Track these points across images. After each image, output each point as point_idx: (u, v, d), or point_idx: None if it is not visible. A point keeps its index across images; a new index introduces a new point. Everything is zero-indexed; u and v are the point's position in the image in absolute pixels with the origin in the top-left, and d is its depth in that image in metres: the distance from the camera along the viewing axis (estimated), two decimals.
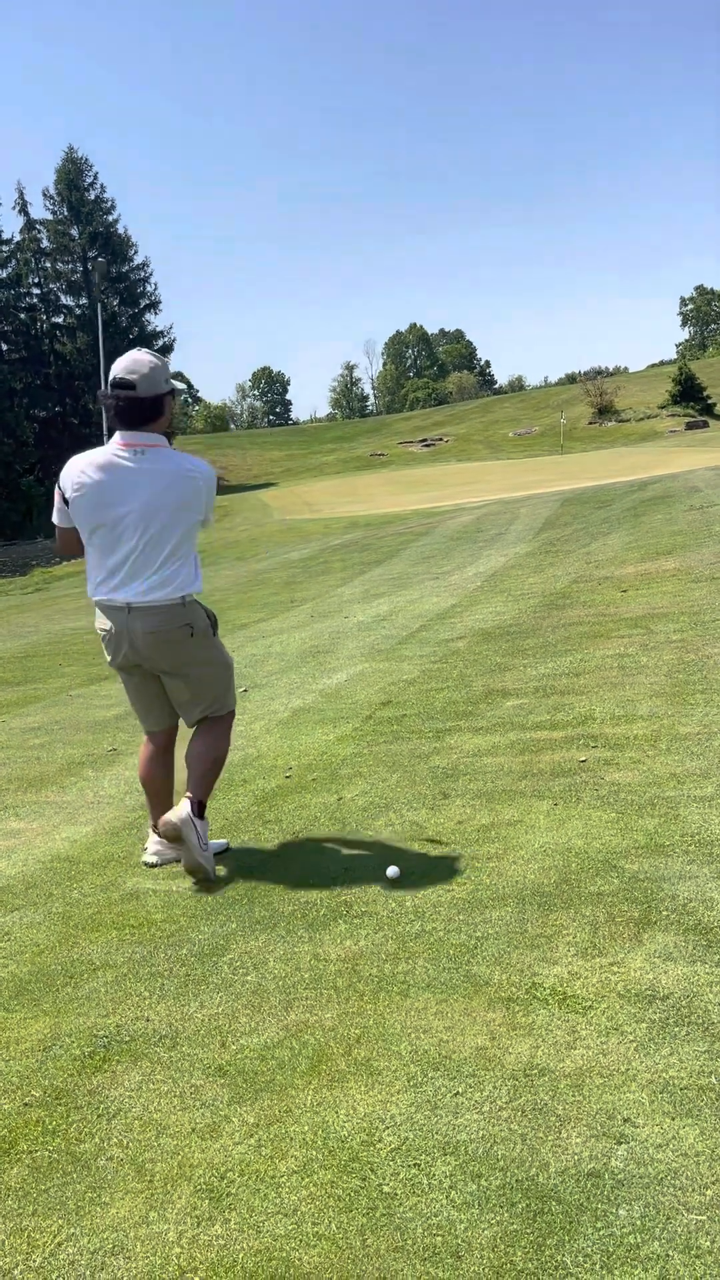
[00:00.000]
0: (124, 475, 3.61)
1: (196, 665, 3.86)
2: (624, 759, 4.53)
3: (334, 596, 12.75)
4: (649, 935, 2.94)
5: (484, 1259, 1.84)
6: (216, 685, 3.95)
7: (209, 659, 3.91)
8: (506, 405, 69.52)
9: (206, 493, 3.78)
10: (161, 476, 3.63)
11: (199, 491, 3.72)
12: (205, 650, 3.88)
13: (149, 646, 3.74)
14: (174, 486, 3.65)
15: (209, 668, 3.91)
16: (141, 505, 3.61)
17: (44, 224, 55.88)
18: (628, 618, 7.77)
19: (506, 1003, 2.68)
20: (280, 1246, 1.93)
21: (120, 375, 3.60)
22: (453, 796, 4.38)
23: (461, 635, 8.35)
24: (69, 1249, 2.00)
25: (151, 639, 3.73)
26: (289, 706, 6.72)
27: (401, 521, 23.74)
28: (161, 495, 3.63)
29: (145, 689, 3.98)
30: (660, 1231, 1.85)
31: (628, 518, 14.80)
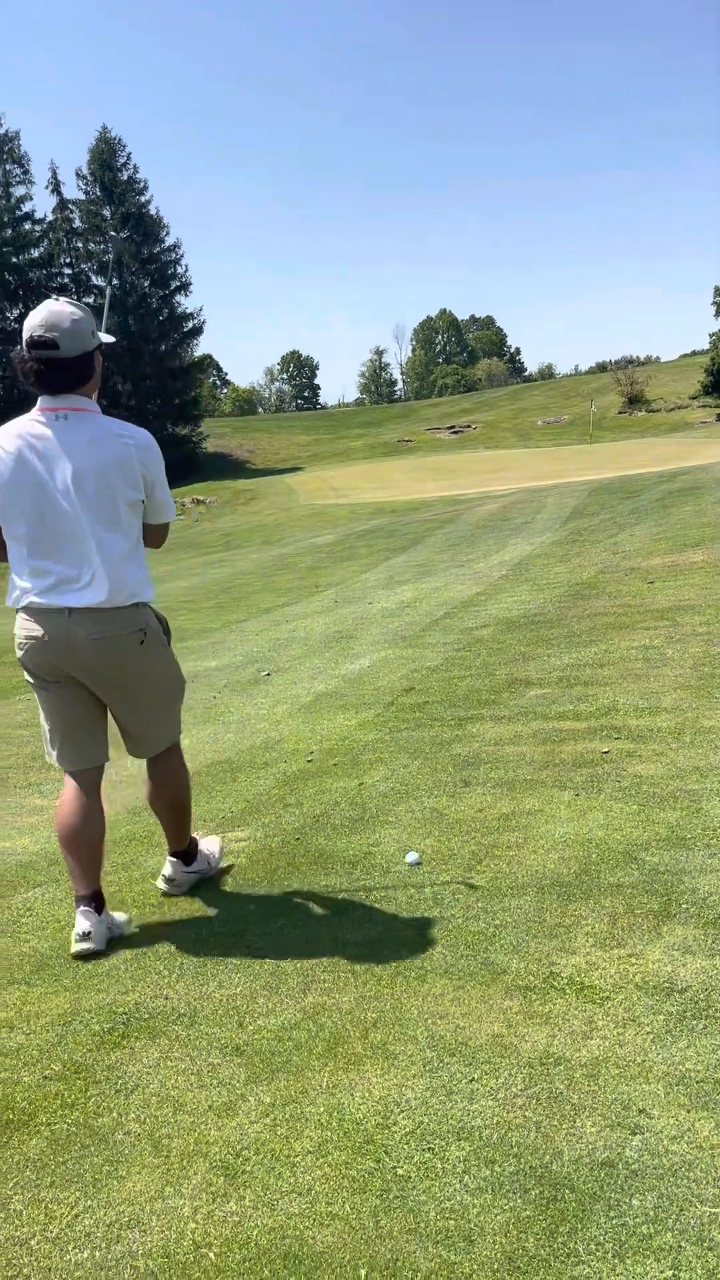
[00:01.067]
0: (42, 447, 3.00)
1: (146, 681, 3.28)
2: (647, 751, 4.51)
3: (358, 582, 12.75)
4: (668, 928, 2.93)
5: (496, 1244, 1.84)
6: (167, 706, 3.41)
7: (161, 674, 3.34)
8: (536, 393, 69.10)
9: (141, 462, 3.09)
10: (85, 443, 3.01)
11: (129, 461, 3.06)
12: (157, 663, 3.30)
13: (95, 655, 3.11)
14: (100, 453, 3.02)
15: (160, 685, 3.35)
16: (65, 481, 2.99)
17: (76, 204, 55.91)
18: (654, 609, 7.73)
19: (524, 991, 2.68)
20: (294, 1225, 1.95)
21: (38, 332, 2.96)
22: (474, 784, 4.38)
23: (485, 624, 8.33)
24: (86, 1221, 2.02)
25: (98, 647, 3.10)
26: (311, 691, 6.73)
27: (427, 508, 23.68)
28: (85, 466, 3.00)
29: (74, 710, 3.26)
30: (673, 1223, 1.85)
31: (656, 509, 14.69)
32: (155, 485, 3.17)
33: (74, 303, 3.06)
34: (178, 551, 25.23)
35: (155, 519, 3.27)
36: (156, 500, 3.21)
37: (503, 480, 29.91)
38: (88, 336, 3.05)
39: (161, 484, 3.20)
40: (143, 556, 3.24)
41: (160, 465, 3.19)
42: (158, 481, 3.18)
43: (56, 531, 3.02)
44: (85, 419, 3.05)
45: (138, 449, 3.09)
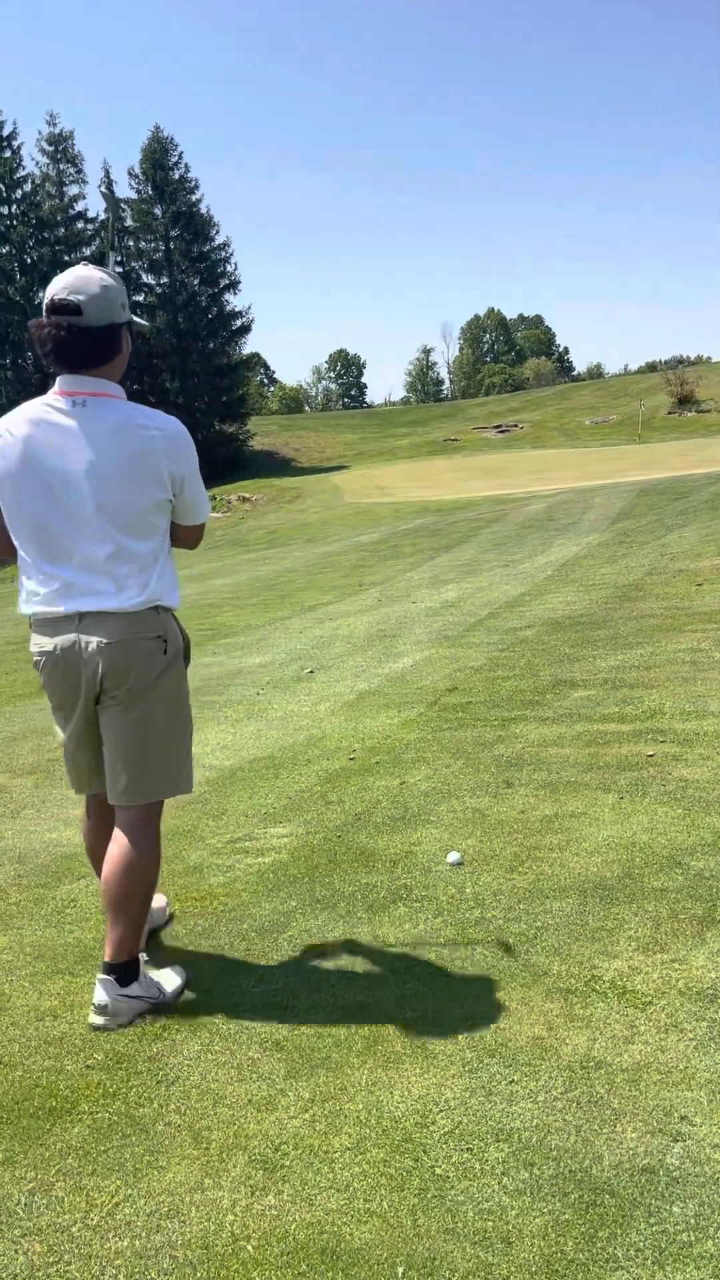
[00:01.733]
0: (57, 436, 2.63)
1: (160, 700, 2.80)
2: (693, 755, 4.46)
3: (402, 581, 12.74)
4: (713, 934, 2.90)
5: (535, 1246, 1.84)
6: (176, 740, 2.89)
7: (175, 696, 2.87)
8: (584, 393, 68.59)
9: (169, 456, 2.69)
10: (105, 434, 2.63)
11: (156, 452, 2.66)
12: (173, 682, 2.85)
13: (108, 663, 2.69)
14: (121, 445, 2.63)
15: (172, 709, 2.86)
16: (81, 478, 2.62)
17: (128, 203, 56.42)
18: (702, 612, 7.64)
19: (565, 994, 2.67)
20: (332, 1220, 1.95)
21: (61, 295, 2.60)
22: (516, 786, 4.36)
23: (530, 624, 8.29)
24: (126, 1210, 2.04)
25: (113, 652, 2.69)
26: (355, 689, 6.74)
27: (473, 508, 23.60)
28: (105, 461, 2.62)
29: (89, 736, 2.88)
30: (715, 1231, 1.83)
31: (705, 510, 14.52)
32: (185, 482, 2.76)
33: (107, 270, 2.72)
34: (223, 548, 25.39)
35: (185, 519, 2.85)
36: (186, 499, 2.80)
37: (550, 480, 29.73)
38: (117, 308, 2.68)
39: (193, 481, 2.79)
40: (168, 559, 2.83)
41: (191, 459, 2.77)
42: (188, 478, 2.76)
43: (69, 532, 2.65)
44: (107, 405, 2.66)
45: (165, 441, 2.68)
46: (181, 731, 2.91)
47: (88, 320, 2.62)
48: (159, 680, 2.79)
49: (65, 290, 2.60)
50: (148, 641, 2.74)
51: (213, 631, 10.31)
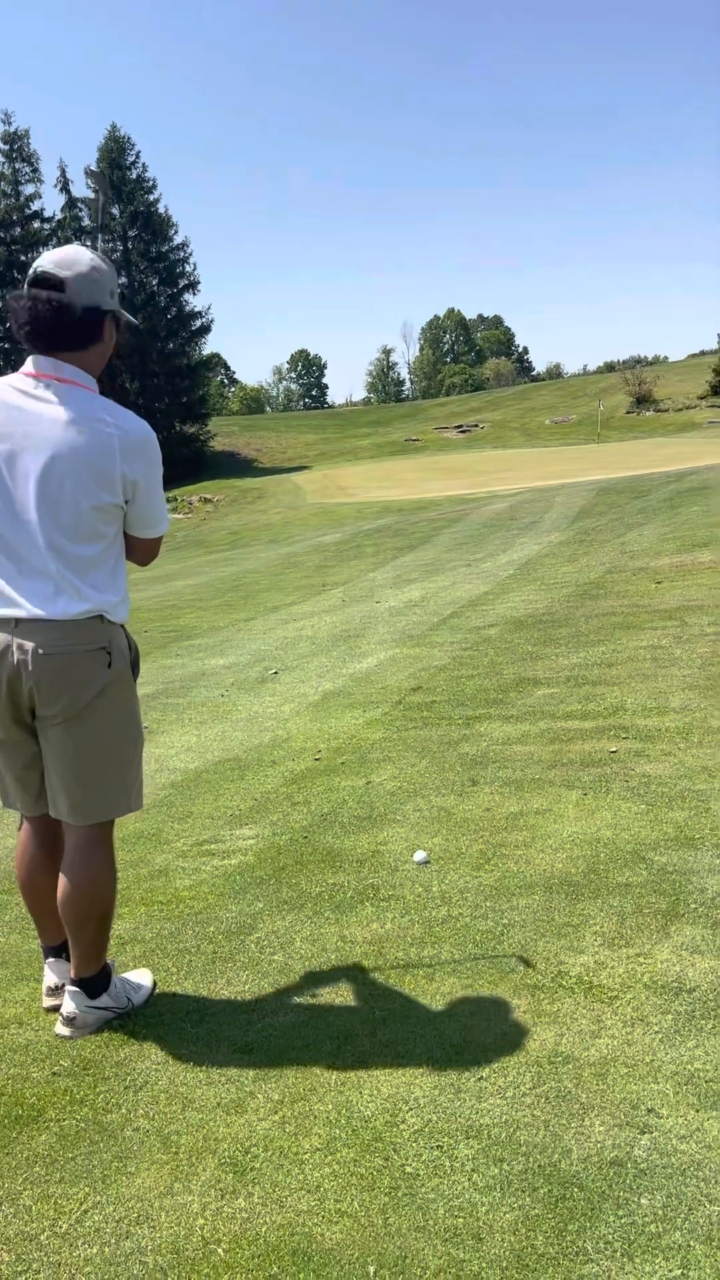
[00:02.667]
0: (12, 418, 2.45)
1: (104, 718, 2.58)
2: (655, 751, 4.50)
3: (366, 581, 12.75)
4: (676, 927, 2.93)
5: (505, 1242, 1.85)
6: (124, 760, 2.67)
7: (121, 713, 2.65)
8: (544, 392, 69.03)
9: (124, 457, 2.48)
10: (62, 424, 2.43)
11: (109, 452, 2.45)
12: (118, 697, 2.62)
13: (43, 675, 2.48)
14: (74, 439, 2.43)
15: (119, 727, 2.64)
16: (27, 469, 2.43)
17: (85, 202, 55.93)
18: (661, 609, 7.72)
19: (532, 990, 2.69)
20: (303, 1222, 1.95)
21: (44, 268, 2.47)
22: (481, 784, 4.38)
23: (493, 623, 8.33)
24: (95, 1216, 2.03)
25: (49, 665, 2.48)
26: (319, 689, 6.74)
27: (435, 507, 23.67)
28: (55, 454, 2.42)
29: (21, 754, 2.67)
30: (682, 1222, 1.85)
31: (664, 509, 14.68)
32: (139, 489, 2.54)
33: (101, 255, 2.58)
34: (185, 549, 25.26)
35: (138, 530, 2.63)
36: (139, 508, 2.58)
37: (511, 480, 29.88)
38: (104, 294, 2.53)
39: (150, 489, 2.57)
40: (116, 568, 2.59)
41: (151, 466, 2.56)
42: (143, 485, 2.54)
43: (10, 527, 2.47)
44: (73, 394, 2.47)
45: (121, 442, 2.47)
46: (131, 751, 2.70)
47: (70, 298, 2.46)
48: (103, 696, 2.56)
49: (52, 264, 2.46)
50: (89, 655, 2.52)
51: (176, 633, 10.26)
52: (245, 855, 3.91)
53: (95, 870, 2.66)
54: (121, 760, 2.67)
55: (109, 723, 2.61)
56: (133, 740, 2.72)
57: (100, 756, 2.61)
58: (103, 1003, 2.74)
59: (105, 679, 2.57)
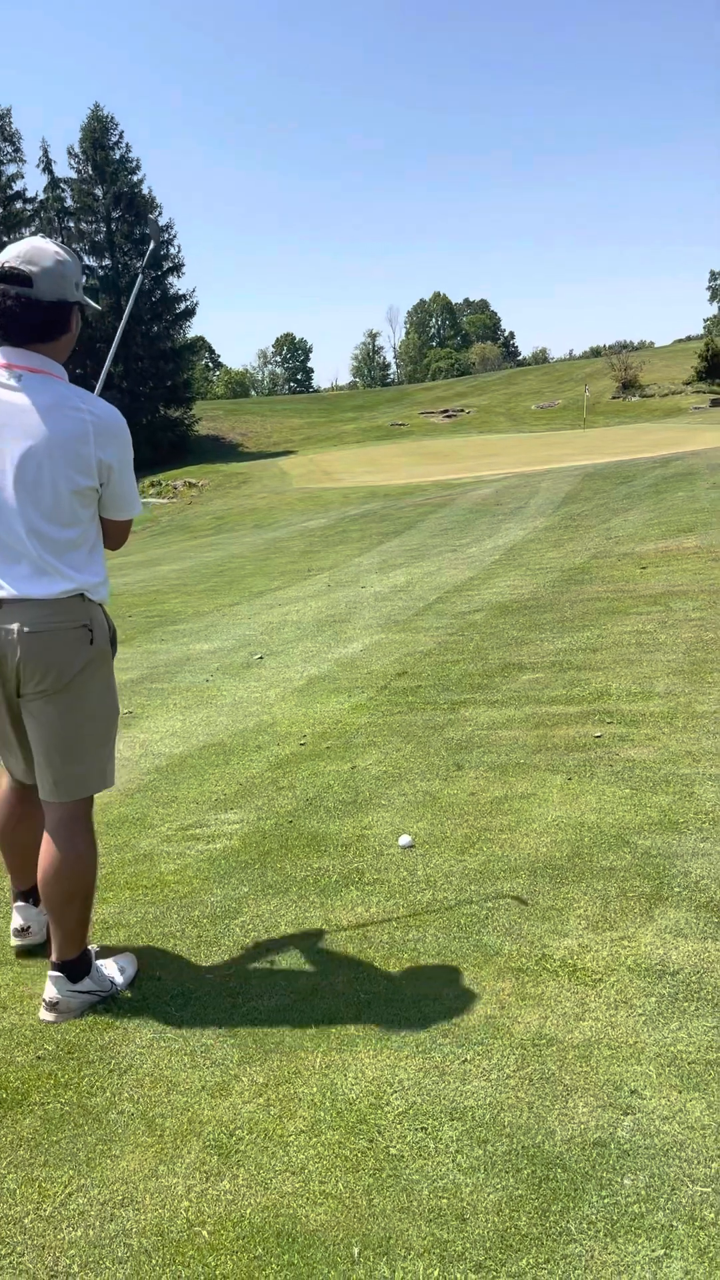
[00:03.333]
0: None
1: (83, 695, 2.69)
2: (639, 735, 4.52)
3: (351, 566, 12.73)
4: (660, 911, 2.95)
5: (489, 1222, 1.86)
6: (99, 738, 2.78)
7: (100, 691, 2.76)
8: (530, 377, 68.95)
9: (99, 442, 2.58)
10: (37, 411, 2.52)
11: (85, 437, 2.55)
12: (98, 674, 2.74)
13: (29, 652, 2.59)
14: (51, 426, 2.52)
15: (97, 705, 2.75)
16: (6, 451, 2.53)
17: (68, 183, 55.41)
18: (647, 595, 7.74)
19: (516, 973, 2.70)
20: (287, 1203, 1.96)
21: (12, 264, 2.52)
22: (466, 768, 4.39)
23: (478, 608, 8.33)
24: (79, 1199, 2.03)
25: (35, 643, 2.59)
26: (305, 674, 6.73)
27: (421, 492, 23.64)
28: (31, 440, 2.52)
29: (14, 730, 2.81)
30: (665, 1202, 1.86)
31: (649, 494, 14.70)
32: (113, 472, 2.64)
33: (63, 245, 2.63)
34: (170, 534, 25.18)
35: (111, 513, 2.73)
36: (113, 490, 2.68)
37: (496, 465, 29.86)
38: (70, 286, 2.60)
39: (122, 472, 2.67)
40: (94, 549, 2.71)
41: (123, 449, 2.66)
42: (116, 468, 2.65)
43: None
44: (45, 383, 2.56)
45: (95, 427, 2.57)
46: (108, 726, 2.81)
47: (37, 293, 2.53)
48: (84, 672, 2.68)
49: (18, 259, 2.52)
50: (71, 631, 2.63)
51: (160, 618, 10.22)
52: (230, 840, 3.90)
53: (79, 847, 2.74)
54: (101, 735, 2.78)
55: (90, 697, 2.72)
56: (110, 716, 2.83)
57: (82, 729, 2.72)
58: (85, 986, 2.77)
59: (88, 655, 2.68)
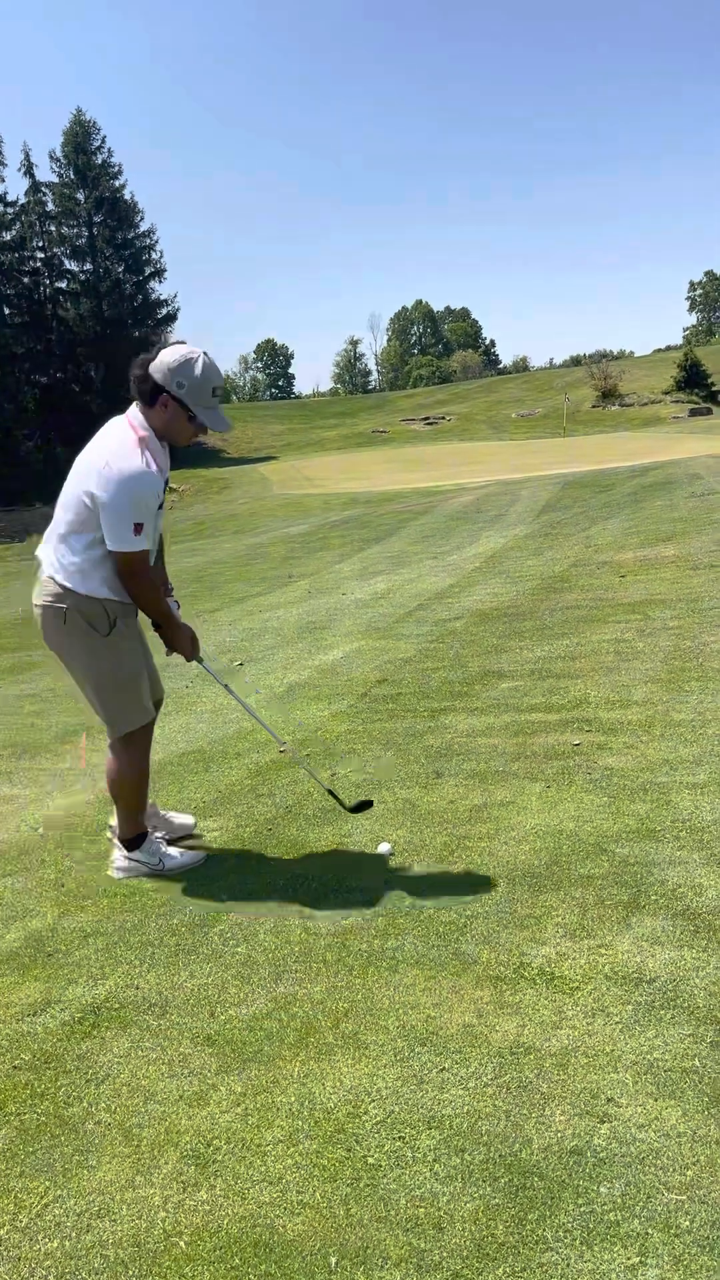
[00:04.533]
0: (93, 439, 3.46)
1: (70, 661, 3.55)
2: (617, 743, 4.54)
3: (332, 573, 12.74)
4: (637, 919, 2.96)
5: (466, 1231, 1.86)
6: (97, 697, 3.56)
7: (84, 662, 3.52)
8: (510, 385, 69.22)
9: (102, 487, 3.28)
10: (88, 449, 3.40)
11: (95, 480, 3.30)
12: (81, 650, 3.49)
13: (38, 620, 3.53)
14: (85, 461, 3.37)
15: (81, 670, 3.54)
16: (71, 472, 3.44)
17: (49, 187, 55.19)
18: (626, 603, 7.78)
19: (494, 981, 2.70)
20: (265, 1213, 1.95)
21: (155, 350, 3.42)
22: (446, 776, 4.40)
23: (459, 615, 8.35)
24: (55, 1210, 2.02)
25: (36, 614, 3.51)
26: (285, 681, 6.73)
27: (401, 499, 23.67)
28: (77, 466, 3.41)
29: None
30: (641, 1210, 1.87)
31: (628, 503, 14.79)
32: (103, 509, 3.29)
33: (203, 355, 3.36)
34: None
35: (106, 541, 3.36)
36: (104, 520, 3.32)
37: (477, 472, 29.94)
38: (170, 379, 3.32)
39: (110, 512, 3.28)
40: (88, 547, 3.38)
41: (111, 496, 3.27)
42: (105, 509, 3.28)
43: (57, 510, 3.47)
44: (111, 432, 3.40)
45: (100, 478, 3.28)
46: (102, 686, 3.52)
47: (147, 369, 3.37)
48: (67, 645, 3.49)
49: (161, 348, 3.42)
50: (50, 611, 3.45)
51: None
52: (209, 847, 3.89)
53: (113, 764, 3.64)
54: (94, 694, 3.54)
55: (77, 665, 3.54)
56: (103, 680, 3.52)
57: (83, 686, 3.59)
58: (137, 856, 3.66)
59: (65, 633, 3.47)
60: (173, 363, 3.31)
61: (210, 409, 3.41)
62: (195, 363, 3.33)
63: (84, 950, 3.13)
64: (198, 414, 3.39)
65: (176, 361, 3.31)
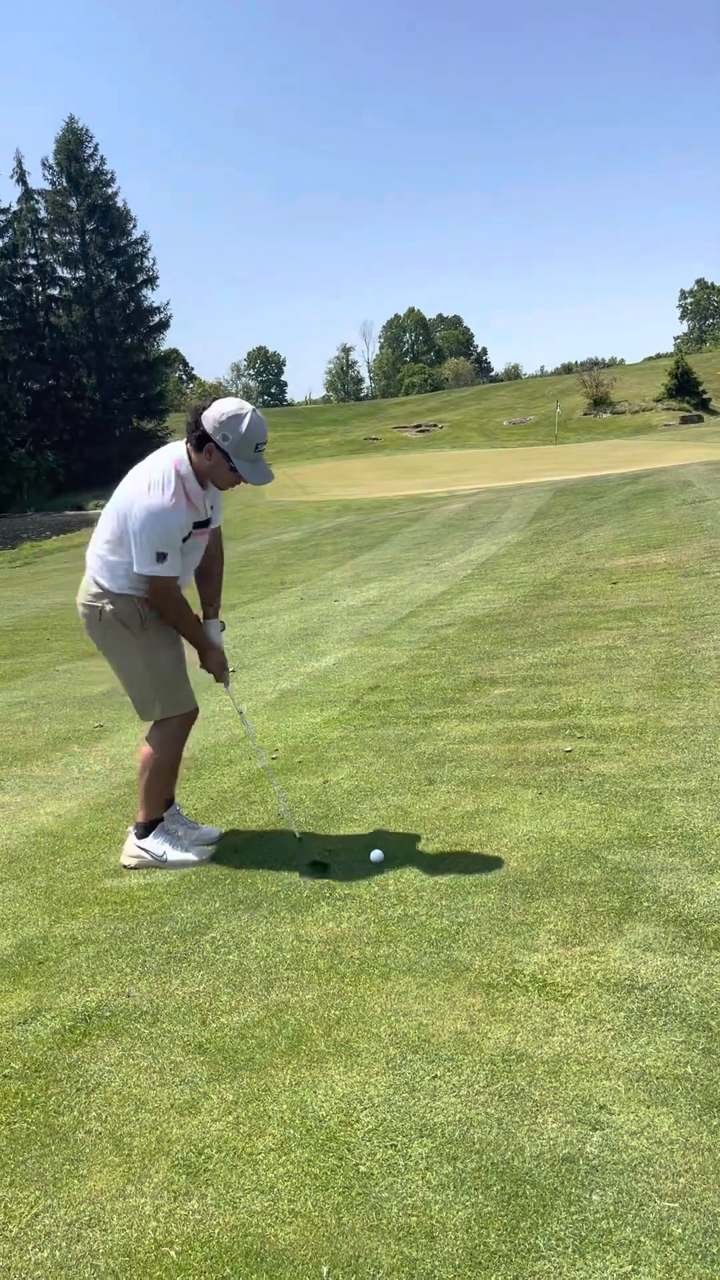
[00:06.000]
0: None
1: (108, 654, 3.89)
2: (609, 750, 4.55)
3: (324, 580, 12.74)
4: (629, 926, 2.96)
5: (458, 1240, 1.85)
6: (129, 686, 3.90)
7: (117, 654, 3.85)
8: (502, 393, 69.40)
9: (132, 517, 3.59)
10: (140, 471, 3.67)
11: (123, 513, 3.64)
12: (115, 643, 3.81)
13: (83, 618, 3.87)
14: (132, 482, 3.67)
15: (117, 662, 3.88)
16: (125, 481, 3.72)
17: (42, 194, 55.16)
18: (617, 610, 7.80)
19: (486, 988, 2.70)
20: (256, 1222, 1.95)
21: (214, 401, 3.66)
22: (438, 783, 4.40)
23: (451, 622, 8.36)
24: (46, 1220, 2.01)
25: (81, 611, 3.85)
26: (277, 688, 6.72)
27: (393, 507, 23.70)
28: (127, 482, 3.69)
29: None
30: (633, 1217, 1.87)
31: (620, 510, 14.83)
32: (131, 535, 3.60)
33: (252, 411, 3.57)
34: None
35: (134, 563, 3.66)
36: (131, 546, 3.63)
37: (469, 480, 29.99)
38: (218, 431, 3.53)
39: (135, 540, 3.58)
40: (123, 555, 3.67)
41: (137, 527, 3.57)
42: (132, 536, 3.59)
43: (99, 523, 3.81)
44: (153, 462, 3.66)
45: (123, 508, 3.63)
46: (136, 676, 3.84)
47: (199, 417, 3.60)
48: (104, 640, 3.82)
49: (219, 398, 3.65)
50: (88, 609, 3.80)
51: None
52: (200, 854, 3.88)
53: (153, 743, 3.87)
54: (133, 683, 3.87)
55: (113, 657, 3.88)
56: (136, 671, 3.83)
57: (119, 677, 3.93)
58: (145, 844, 3.84)
59: (100, 628, 3.80)
60: (221, 416, 3.53)
61: (251, 462, 3.62)
62: (242, 420, 3.54)
63: (75, 958, 3.12)
64: (238, 466, 3.60)
65: (225, 416, 3.53)
